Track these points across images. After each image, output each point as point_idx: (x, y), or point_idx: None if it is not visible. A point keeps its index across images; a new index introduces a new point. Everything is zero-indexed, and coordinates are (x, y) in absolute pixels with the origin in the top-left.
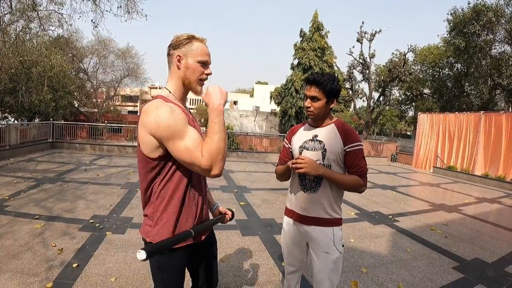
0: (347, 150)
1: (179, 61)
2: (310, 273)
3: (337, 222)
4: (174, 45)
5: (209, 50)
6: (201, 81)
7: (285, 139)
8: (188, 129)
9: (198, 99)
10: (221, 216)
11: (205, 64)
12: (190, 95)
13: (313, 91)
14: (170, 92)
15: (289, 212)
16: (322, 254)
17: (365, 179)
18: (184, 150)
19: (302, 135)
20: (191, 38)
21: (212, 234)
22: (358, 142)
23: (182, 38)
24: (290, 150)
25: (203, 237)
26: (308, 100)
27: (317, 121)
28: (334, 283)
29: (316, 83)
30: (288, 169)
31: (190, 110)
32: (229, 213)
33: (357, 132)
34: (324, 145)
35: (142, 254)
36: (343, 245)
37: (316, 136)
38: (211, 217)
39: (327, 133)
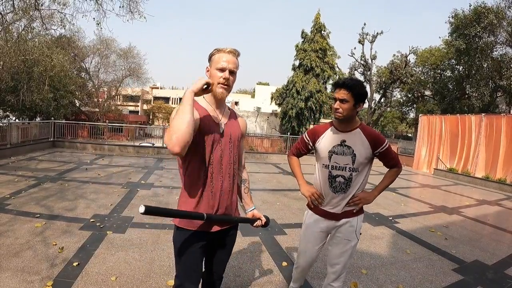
0: (380, 151)
1: (207, 71)
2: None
3: (361, 211)
4: (208, 60)
5: (230, 57)
6: (219, 85)
7: (306, 134)
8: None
9: None
10: (248, 218)
11: (221, 70)
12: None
13: (342, 94)
14: (203, 98)
15: (315, 208)
16: (343, 241)
17: (399, 163)
18: None
19: (329, 140)
20: (215, 52)
21: (234, 231)
22: (385, 142)
23: (210, 54)
24: (310, 146)
25: (215, 228)
26: (338, 102)
27: (343, 124)
28: (347, 265)
29: (345, 86)
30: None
31: (230, 111)
32: (263, 219)
33: None
34: (353, 151)
35: (141, 208)
36: (361, 233)
37: (344, 141)
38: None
39: (354, 138)
